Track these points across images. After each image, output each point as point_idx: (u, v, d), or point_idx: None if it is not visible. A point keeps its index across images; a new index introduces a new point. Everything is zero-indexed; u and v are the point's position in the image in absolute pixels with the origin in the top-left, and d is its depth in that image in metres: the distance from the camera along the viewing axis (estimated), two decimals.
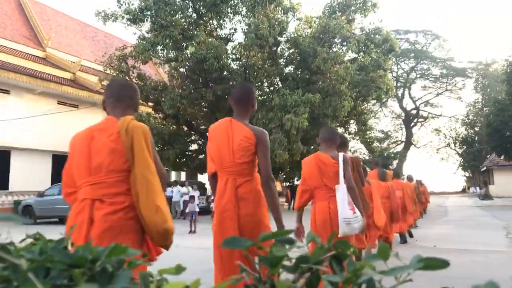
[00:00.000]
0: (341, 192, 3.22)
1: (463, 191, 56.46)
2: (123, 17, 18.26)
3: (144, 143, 1.76)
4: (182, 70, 18.52)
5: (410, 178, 11.83)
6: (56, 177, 20.00)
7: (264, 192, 2.45)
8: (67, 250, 0.60)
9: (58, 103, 20.85)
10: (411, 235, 8.71)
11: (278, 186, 33.07)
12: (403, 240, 7.95)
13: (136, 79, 18.94)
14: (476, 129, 46.73)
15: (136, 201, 1.72)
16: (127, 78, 18.75)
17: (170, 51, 18.59)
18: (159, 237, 1.72)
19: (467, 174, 56.45)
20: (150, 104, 19.65)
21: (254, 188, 2.44)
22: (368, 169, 7.41)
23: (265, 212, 2.46)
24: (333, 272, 0.61)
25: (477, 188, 40.82)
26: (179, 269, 0.63)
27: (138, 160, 1.74)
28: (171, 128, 19.72)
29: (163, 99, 18.01)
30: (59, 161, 20.85)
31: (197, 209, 12.46)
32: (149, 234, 1.73)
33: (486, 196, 29.19)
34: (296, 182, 23.93)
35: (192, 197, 12.99)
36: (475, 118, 47.51)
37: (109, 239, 1.62)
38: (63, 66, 22.56)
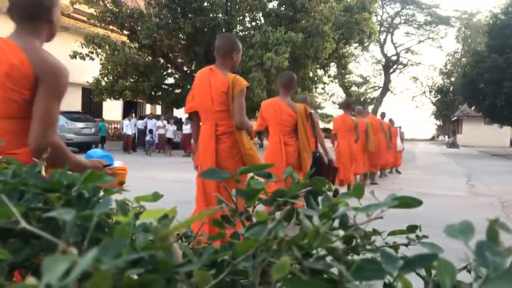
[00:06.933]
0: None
1: (432, 139, 58.52)
2: None
3: None
4: None
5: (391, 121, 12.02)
6: None
7: None
8: (41, 174, 0.59)
9: None
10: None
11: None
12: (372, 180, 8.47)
13: (111, 4, 17.82)
14: (452, 79, 47.48)
15: None
16: (101, 3, 17.65)
17: None
18: None
19: (438, 123, 58.23)
20: (126, 32, 18.73)
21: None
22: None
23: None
24: (309, 206, 0.62)
25: (446, 136, 42.35)
26: (156, 197, 0.63)
27: None
28: (147, 59, 19.05)
29: (139, 28, 17.17)
30: None
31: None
32: None
33: (453, 145, 30.43)
34: None
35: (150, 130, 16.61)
36: (452, 68, 48.07)
37: None
38: None
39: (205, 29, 16.97)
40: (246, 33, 18.83)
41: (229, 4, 17.80)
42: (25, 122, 1.36)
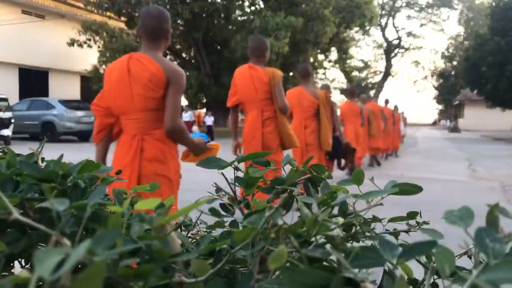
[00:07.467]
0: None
1: (434, 123, 58.37)
2: None
3: None
4: None
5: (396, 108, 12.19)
6: (24, 92, 19.18)
7: None
8: (37, 164, 0.58)
9: (22, 12, 19.34)
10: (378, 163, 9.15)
11: None
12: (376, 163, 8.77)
13: None
14: (454, 63, 47.10)
15: None
16: None
17: None
18: None
19: (440, 107, 58.01)
20: (123, 19, 18.56)
21: None
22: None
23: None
24: (308, 194, 0.62)
25: (448, 121, 42.22)
26: (153, 187, 0.63)
27: None
28: None
29: (136, 14, 17.02)
30: (26, 75, 19.86)
31: None
32: None
33: (455, 129, 30.37)
34: None
35: None
36: (454, 52, 47.64)
37: None
38: None
39: (204, 15, 16.81)
40: (245, 18, 18.65)
41: None
42: (157, 113, 1.95)
